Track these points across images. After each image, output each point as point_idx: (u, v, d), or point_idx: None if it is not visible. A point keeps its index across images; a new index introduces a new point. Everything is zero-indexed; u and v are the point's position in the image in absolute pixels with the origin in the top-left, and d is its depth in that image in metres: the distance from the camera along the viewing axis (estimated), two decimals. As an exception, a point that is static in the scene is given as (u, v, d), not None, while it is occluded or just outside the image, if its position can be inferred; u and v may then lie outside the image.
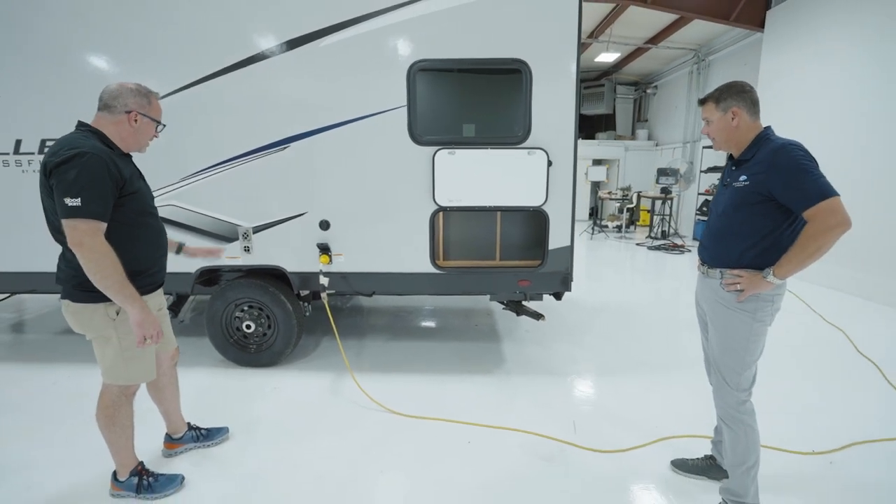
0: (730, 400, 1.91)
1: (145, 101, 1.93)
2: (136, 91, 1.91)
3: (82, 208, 1.67)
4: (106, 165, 1.74)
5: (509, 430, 2.67)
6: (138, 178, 1.98)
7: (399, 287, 3.26)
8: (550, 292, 3.36)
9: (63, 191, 1.67)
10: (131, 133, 1.92)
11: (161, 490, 2.12)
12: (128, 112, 1.88)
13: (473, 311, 4.88)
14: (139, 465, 2.15)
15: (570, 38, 2.93)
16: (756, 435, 1.90)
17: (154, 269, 2.04)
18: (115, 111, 1.87)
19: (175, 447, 2.47)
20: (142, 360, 1.98)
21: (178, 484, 2.17)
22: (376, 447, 2.52)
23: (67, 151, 1.69)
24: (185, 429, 2.51)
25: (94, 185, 1.70)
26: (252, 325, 3.36)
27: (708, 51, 9.95)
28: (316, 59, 2.96)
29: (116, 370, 1.95)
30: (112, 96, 1.87)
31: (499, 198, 3.07)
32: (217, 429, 2.58)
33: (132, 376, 1.99)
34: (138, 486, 2.11)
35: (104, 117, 1.88)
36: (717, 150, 1.96)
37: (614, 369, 3.51)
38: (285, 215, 3.15)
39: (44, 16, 3.02)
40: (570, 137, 3.04)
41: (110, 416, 2.02)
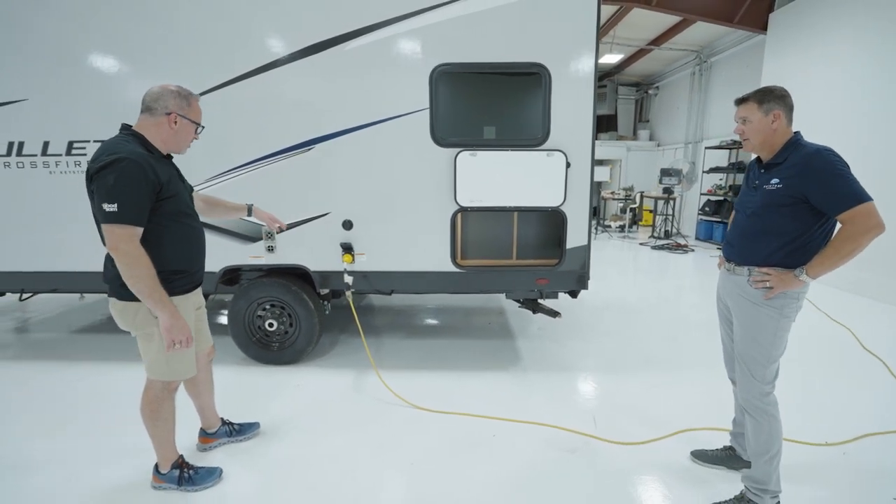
0: (755, 391, 1.99)
1: (185, 103, 1.96)
2: (177, 93, 1.95)
3: (119, 214, 1.73)
4: (144, 171, 1.78)
5: (532, 424, 2.74)
6: (177, 181, 2.02)
7: (420, 286, 3.34)
8: (567, 290, 3.44)
9: (102, 196, 1.73)
10: (171, 135, 1.96)
11: (201, 482, 2.19)
12: (167, 114, 1.91)
13: (485, 309, 4.96)
14: (180, 458, 2.22)
15: (588, 43, 3.00)
16: (779, 425, 1.98)
17: (192, 269, 2.09)
18: (156, 113, 1.91)
19: (209, 442, 2.53)
20: (182, 357, 2.03)
21: (217, 477, 2.24)
22: (404, 440, 2.60)
23: (107, 157, 1.74)
24: (219, 424, 2.58)
25: (131, 190, 1.75)
26: (274, 324, 3.43)
27: (710, 52, 10.06)
28: (341, 62, 3.03)
29: (159, 366, 2.01)
30: (153, 98, 1.91)
31: (518, 198, 3.15)
32: (249, 424, 2.65)
33: (174, 373, 2.05)
34: (179, 478, 2.17)
35: (146, 119, 1.92)
36: (747, 150, 2.02)
37: (626, 366, 3.60)
38: (309, 215, 3.22)
39: (77, 21, 3.09)
40: (587, 139, 3.12)
41: (154, 411, 2.09)
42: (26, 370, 3.50)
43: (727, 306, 2.14)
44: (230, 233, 3.26)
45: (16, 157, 3.24)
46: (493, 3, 2.96)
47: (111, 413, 2.86)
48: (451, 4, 2.97)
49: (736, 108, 1.97)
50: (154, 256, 1.83)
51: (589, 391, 3.21)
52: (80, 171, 3.25)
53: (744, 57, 9.05)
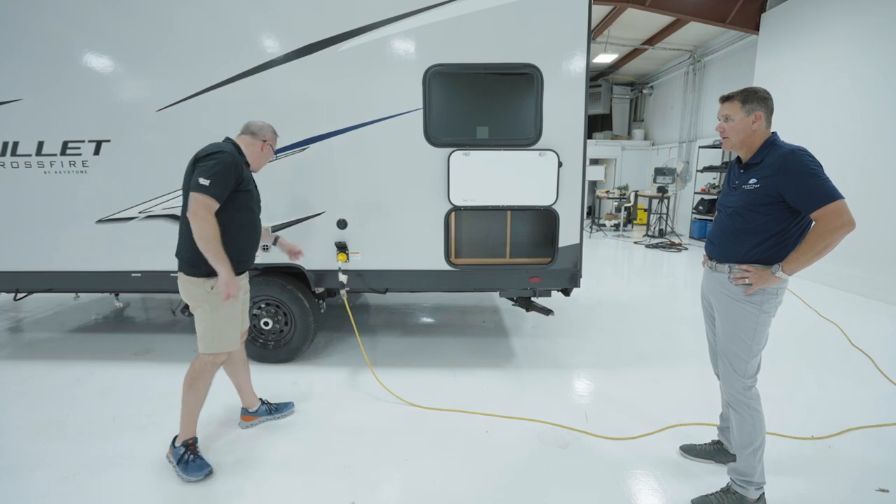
0: (737, 386, 2.03)
1: (275, 138, 2.55)
2: (272, 130, 2.53)
3: (208, 188, 2.13)
4: (236, 164, 2.24)
5: (525, 420, 2.78)
6: (252, 183, 2.45)
7: (414, 284, 3.36)
8: (560, 288, 3.48)
9: (200, 172, 2.14)
10: (260, 155, 2.48)
11: (189, 473, 2.27)
12: (264, 140, 2.47)
13: (480, 308, 5.00)
14: (193, 439, 2.38)
15: (579, 43, 3.04)
16: (762, 418, 2.03)
17: (247, 254, 2.44)
18: (257, 137, 2.45)
19: (251, 420, 2.77)
20: (230, 330, 2.35)
21: (203, 475, 2.29)
22: (398, 437, 2.63)
23: (212, 149, 2.22)
24: (259, 403, 2.82)
25: (222, 174, 2.17)
26: (270, 322, 3.45)
27: (703, 52, 10.14)
28: (335, 62, 3.05)
29: (209, 337, 2.31)
30: (258, 127, 2.46)
31: (511, 197, 3.19)
32: (284, 403, 2.90)
33: (221, 344, 2.33)
34: (181, 457, 2.32)
35: (246, 139, 2.43)
36: (726, 148, 2.07)
37: (619, 362, 3.64)
38: (304, 215, 3.24)
39: (71, 22, 3.09)
40: (579, 139, 3.15)
41: (193, 380, 2.34)
42: (21, 370, 3.50)
43: (710, 303, 2.19)
44: (225, 232, 3.28)
45: (10, 156, 3.24)
46: (485, 5, 2.99)
47: (107, 413, 2.88)
48: (444, 6, 3.00)
49: (720, 106, 2.01)
50: (221, 233, 2.18)
51: (581, 387, 3.25)
52: (74, 170, 3.27)
53: (737, 57, 9.13)
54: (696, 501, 2.10)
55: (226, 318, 2.32)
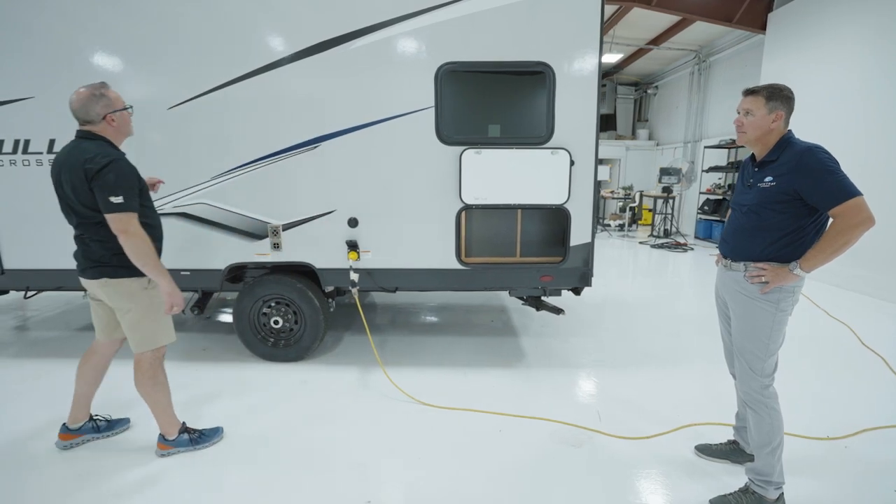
0: (754, 385, 2.02)
1: (106, 101, 2.11)
2: (92, 97, 2.07)
3: (125, 204, 2.02)
4: (131, 167, 2.11)
5: (537, 420, 2.77)
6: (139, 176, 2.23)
7: (425, 283, 3.36)
8: (571, 287, 3.47)
9: (107, 191, 2.00)
10: (117, 130, 2.18)
11: (209, 439, 2.43)
12: (103, 118, 2.11)
13: (487, 307, 4.99)
14: (183, 423, 2.43)
15: (591, 42, 3.03)
16: (780, 417, 2.01)
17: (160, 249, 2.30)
18: (96, 122, 2.11)
19: (71, 438, 2.48)
20: (166, 323, 2.31)
21: (220, 435, 2.48)
22: (411, 436, 2.62)
23: (104, 159, 2.01)
24: (86, 419, 2.55)
25: (129, 184, 2.06)
26: (280, 321, 3.45)
27: (709, 52, 10.11)
28: (347, 60, 3.04)
29: (151, 332, 2.25)
30: (85, 112, 2.08)
31: (523, 196, 3.18)
32: (118, 420, 2.66)
33: (163, 337, 2.30)
34: (190, 440, 2.40)
35: (95, 127, 2.12)
36: (741, 142, 2.04)
37: (629, 362, 3.63)
38: (315, 213, 3.24)
39: (82, 20, 3.09)
40: (591, 137, 3.14)
41: (153, 377, 2.31)
42: (28, 368, 3.50)
43: (725, 302, 2.18)
44: (236, 230, 3.28)
45: (22, 154, 3.24)
46: (498, 3, 2.98)
47: (114, 411, 2.87)
48: (457, 3, 2.99)
49: (742, 98, 1.98)
50: None
51: (592, 387, 3.24)
52: (85, 168, 3.26)
53: (743, 57, 9.10)
54: (714, 501, 2.09)
55: (160, 312, 2.25)
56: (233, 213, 3.26)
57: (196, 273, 3.39)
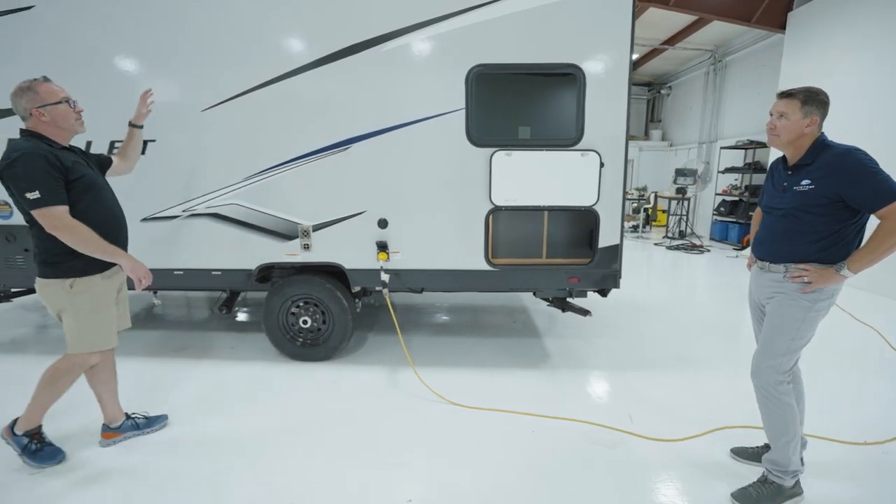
0: (769, 380, 2.02)
1: (33, 95, 2.01)
2: (20, 92, 2.02)
3: (42, 199, 1.92)
4: (45, 159, 1.95)
5: (569, 421, 2.78)
6: (81, 166, 2.13)
7: (454, 284, 3.37)
8: (598, 289, 3.47)
9: (21, 188, 1.92)
10: (52, 125, 2.06)
11: (40, 461, 2.25)
12: (31, 114, 2.02)
13: (508, 308, 5.00)
14: (37, 428, 2.30)
15: (622, 44, 3.03)
16: (794, 412, 2.02)
17: None
18: (27, 118, 2.05)
19: (113, 437, 2.52)
20: (100, 328, 2.19)
21: (57, 461, 2.28)
22: (445, 435, 2.64)
23: (10, 154, 1.94)
24: (123, 418, 2.58)
25: (43, 177, 1.93)
26: (308, 321, 3.48)
27: (725, 52, 10.04)
28: (378, 63, 3.07)
29: (76, 336, 2.17)
30: (16, 108, 2.04)
31: (552, 198, 3.18)
32: (156, 416, 2.67)
33: (91, 343, 2.20)
34: (25, 446, 2.25)
35: (28, 123, 2.07)
36: (772, 145, 2.03)
37: (656, 364, 3.62)
38: (344, 214, 3.27)
39: (117, 24, 3.15)
40: (621, 139, 3.15)
41: (55, 379, 2.23)
42: None
43: (760, 305, 2.17)
44: (267, 231, 3.32)
45: (59, 156, 3.30)
46: (528, 5, 2.99)
47: (144, 406, 2.92)
48: (488, 6, 3.01)
49: (776, 101, 1.97)
50: None
51: (620, 389, 3.24)
52: (120, 170, 3.32)
53: (760, 56, 9.03)
54: (735, 494, 2.11)
55: (95, 315, 2.16)
56: (264, 214, 3.30)
57: (227, 273, 3.44)
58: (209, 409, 2.90)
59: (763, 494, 2.06)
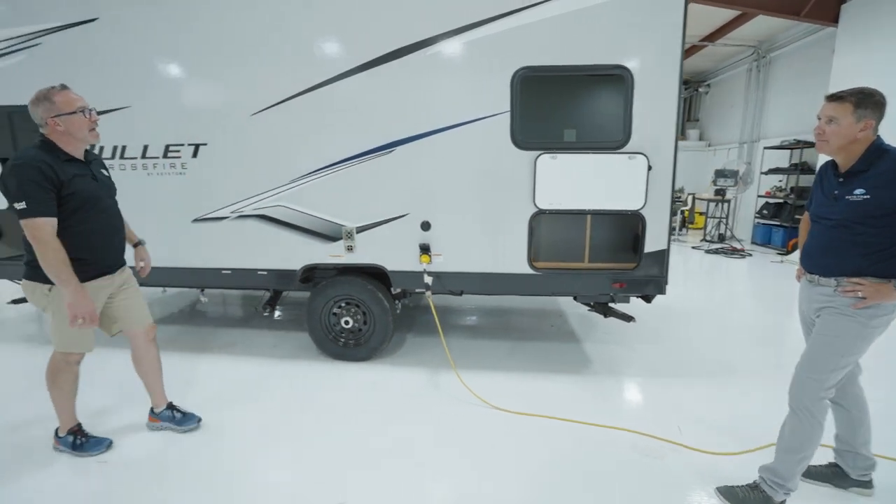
0: (809, 393, 1.93)
1: (49, 105, 2.05)
2: (37, 101, 2.06)
3: (27, 209, 1.96)
4: (40, 171, 1.98)
5: (615, 429, 2.72)
6: (82, 180, 2.15)
7: (495, 287, 3.36)
8: (642, 295, 3.39)
9: (11, 197, 1.98)
10: (65, 134, 2.09)
11: (89, 450, 2.42)
12: (47, 123, 2.07)
13: (545, 312, 4.94)
14: (77, 425, 2.47)
15: (673, 44, 2.94)
16: (821, 431, 1.94)
17: (94, 259, 2.25)
18: (43, 126, 2.09)
19: (155, 421, 2.69)
20: (72, 332, 2.22)
21: (104, 447, 2.46)
22: (489, 441, 2.62)
23: (11, 163, 1.99)
24: (164, 406, 2.70)
25: (32, 189, 1.97)
26: (350, 321, 3.53)
27: (769, 47, 9.64)
28: (424, 66, 3.08)
29: (56, 338, 2.28)
30: (33, 116, 2.08)
31: (597, 201, 3.13)
32: (191, 415, 2.72)
33: (66, 345, 2.29)
34: (73, 443, 2.42)
35: (44, 131, 2.11)
36: (821, 151, 1.91)
37: (701, 372, 3.51)
38: (388, 216, 3.30)
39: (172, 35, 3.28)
40: (670, 142, 3.06)
41: (52, 378, 2.36)
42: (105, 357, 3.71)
43: (811, 319, 2.07)
44: (311, 232, 3.38)
45: (119, 159, 3.47)
46: (576, 6, 2.94)
47: (194, 400, 3.03)
48: (533, 8, 2.98)
49: (824, 104, 1.84)
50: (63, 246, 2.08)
51: (666, 397, 3.15)
52: (174, 172, 3.46)
53: (808, 51, 8.63)
54: (721, 489, 2.09)
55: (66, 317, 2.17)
56: (309, 216, 3.37)
57: (272, 273, 3.53)
58: (254, 406, 2.99)
59: (749, 499, 2.03)
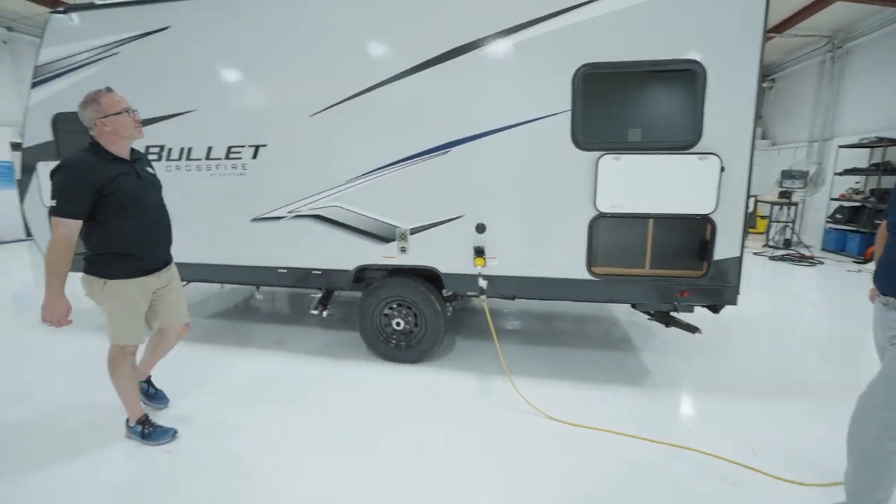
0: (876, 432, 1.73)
1: (97, 106, 2.18)
2: (86, 103, 2.19)
3: (55, 208, 2.10)
4: (80, 172, 2.11)
5: (681, 448, 2.55)
6: (125, 179, 2.25)
7: (551, 292, 3.24)
8: (711, 305, 3.18)
9: (51, 194, 2.12)
10: (112, 134, 2.22)
11: (156, 439, 2.54)
12: (95, 124, 2.19)
13: (598, 318, 4.76)
14: (144, 416, 2.60)
15: (753, 35, 2.73)
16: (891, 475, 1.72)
17: (137, 255, 2.35)
18: (92, 127, 2.22)
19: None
20: (126, 325, 2.37)
21: (170, 436, 2.57)
22: (542, 453, 2.52)
23: (58, 164, 2.13)
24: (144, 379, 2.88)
25: (69, 190, 2.10)
26: (401, 323, 3.52)
27: (846, 36, 8.88)
28: (481, 64, 3.02)
29: (110, 330, 2.39)
30: (82, 119, 2.21)
31: (663, 204, 2.95)
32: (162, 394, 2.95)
33: (120, 337, 2.39)
34: (142, 432, 2.55)
35: (92, 132, 2.24)
36: None
37: (773, 390, 3.24)
38: (442, 218, 3.26)
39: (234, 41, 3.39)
40: (746, 142, 2.83)
41: (112, 369, 2.48)
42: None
43: (884, 346, 1.86)
44: (365, 233, 3.40)
45: (185, 160, 3.62)
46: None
47: (244, 394, 3.11)
48: (599, 1, 2.84)
49: None
50: (103, 238, 2.23)
51: (735, 416, 2.92)
52: (235, 173, 3.57)
53: (893, 40, 7.86)
54: None
55: (122, 314, 2.33)
56: (363, 216, 3.38)
57: (326, 272, 3.57)
58: (306, 405, 3.02)
59: None
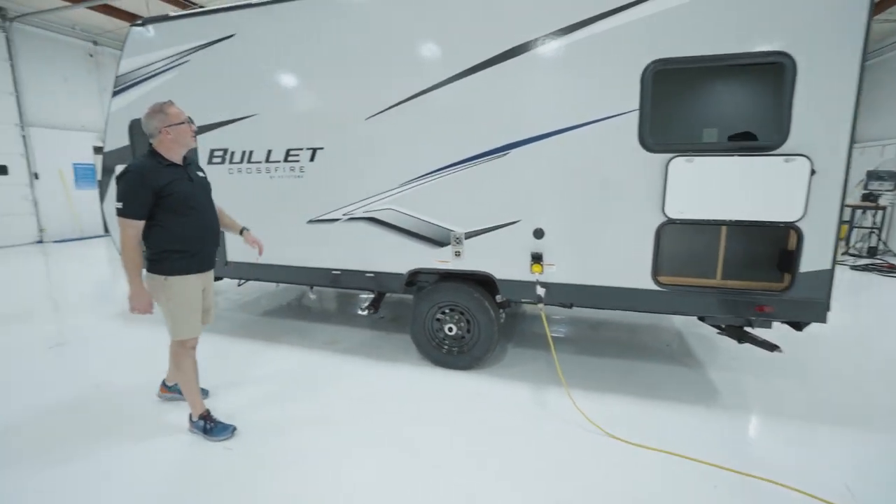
0: None
1: (163, 116, 2.39)
2: (152, 114, 2.39)
3: (122, 210, 2.31)
4: (141, 176, 2.31)
5: (761, 480, 2.31)
6: (180, 182, 2.43)
7: (613, 302, 3.06)
8: (791, 321, 2.89)
9: (117, 196, 2.32)
10: (173, 142, 2.42)
11: (216, 435, 2.62)
12: (160, 132, 2.38)
13: (657, 328, 4.49)
14: (206, 411, 2.69)
15: (855, 20, 2.44)
16: None
17: (191, 252, 2.49)
18: (155, 135, 2.41)
19: (165, 392, 3.02)
20: (186, 320, 2.53)
21: (229, 433, 2.64)
22: (600, 474, 2.37)
23: (122, 169, 2.33)
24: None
25: (131, 194, 2.31)
26: (454, 328, 3.46)
27: (948, 23, 7.93)
28: (543, 63, 2.90)
29: (171, 325, 2.53)
30: (147, 127, 2.41)
31: (741, 210, 2.70)
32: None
33: (181, 332, 2.54)
34: (204, 427, 2.63)
35: (153, 140, 2.43)
36: None
37: (862, 418, 2.90)
38: (499, 222, 3.16)
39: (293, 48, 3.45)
40: (844, 142, 2.55)
41: (177, 364, 2.63)
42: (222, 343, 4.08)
43: None
44: (420, 236, 3.36)
45: (246, 163, 3.74)
46: (725, -14, 2.56)
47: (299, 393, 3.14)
48: (673, -8, 2.65)
49: None
50: (160, 238, 2.40)
51: (820, 445, 2.64)
52: (293, 175, 3.64)
53: None
54: None
55: (181, 309, 2.49)
56: (418, 220, 3.35)
57: (379, 275, 3.57)
58: (360, 408, 3.02)
59: None
